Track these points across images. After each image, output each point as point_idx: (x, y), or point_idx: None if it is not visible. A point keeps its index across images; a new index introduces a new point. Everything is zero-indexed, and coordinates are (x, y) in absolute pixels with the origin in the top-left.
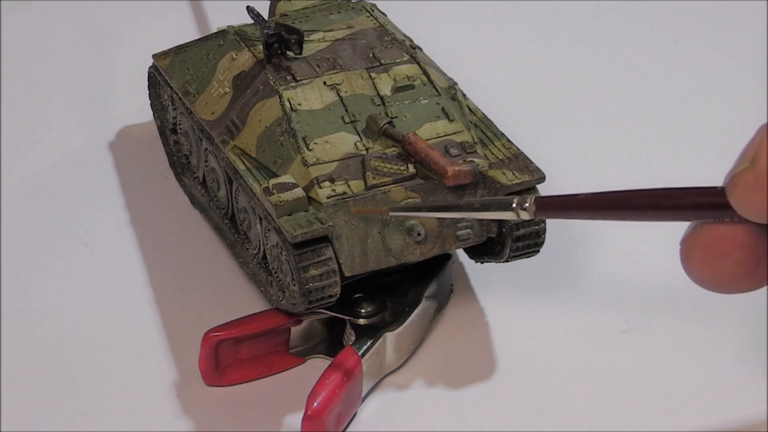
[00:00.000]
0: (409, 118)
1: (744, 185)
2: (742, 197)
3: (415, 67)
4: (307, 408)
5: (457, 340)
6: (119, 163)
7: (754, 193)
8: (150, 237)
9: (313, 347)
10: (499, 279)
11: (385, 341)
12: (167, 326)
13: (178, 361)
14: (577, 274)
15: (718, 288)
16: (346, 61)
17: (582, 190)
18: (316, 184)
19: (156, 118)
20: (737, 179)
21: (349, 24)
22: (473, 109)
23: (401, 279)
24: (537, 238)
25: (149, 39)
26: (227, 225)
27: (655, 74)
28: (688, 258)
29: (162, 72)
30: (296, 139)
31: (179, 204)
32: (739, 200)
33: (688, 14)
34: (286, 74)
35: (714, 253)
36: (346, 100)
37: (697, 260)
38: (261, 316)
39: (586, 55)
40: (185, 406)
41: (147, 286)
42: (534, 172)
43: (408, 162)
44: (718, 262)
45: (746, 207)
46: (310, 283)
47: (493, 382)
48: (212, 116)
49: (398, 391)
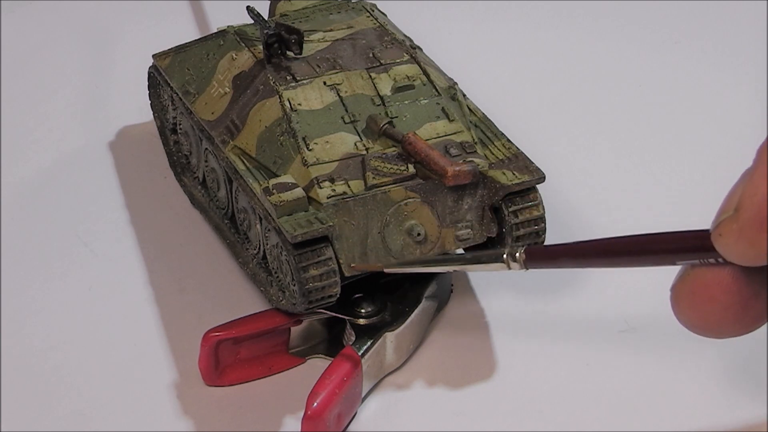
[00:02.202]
0: (409, 118)
1: (728, 235)
2: (727, 246)
3: (415, 67)
4: (307, 408)
5: (457, 340)
6: (119, 163)
7: (739, 243)
8: (150, 237)
9: (313, 347)
10: (499, 279)
11: (385, 341)
12: (167, 326)
13: (178, 361)
14: (578, 274)
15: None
16: (346, 61)
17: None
18: (316, 184)
19: (156, 118)
20: (722, 228)
21: (349, 24)
22: (473, 109)
23: (401, 279)
24: (537, 238)
25: (149, 39)
26: (227, 225)
27: (655, 74)
28: (678, 305)
29: (162, 72)
30: (296, 139)
31: (179, 204)
32: (724, 248)
33: (688, 14)
34: (286, 74)
35: (702, 299)
36: (346, 100)
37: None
38: (261, 316)
39: (586, 55)
40: (185, 406)
41: (147, 286)
42: (534, 172)
43: (408, 162)
44: (707, 307)
45: (732, 255)
46: (310, 283)
47: (493, 382)
48: (212, 116)
49: (398, 391)
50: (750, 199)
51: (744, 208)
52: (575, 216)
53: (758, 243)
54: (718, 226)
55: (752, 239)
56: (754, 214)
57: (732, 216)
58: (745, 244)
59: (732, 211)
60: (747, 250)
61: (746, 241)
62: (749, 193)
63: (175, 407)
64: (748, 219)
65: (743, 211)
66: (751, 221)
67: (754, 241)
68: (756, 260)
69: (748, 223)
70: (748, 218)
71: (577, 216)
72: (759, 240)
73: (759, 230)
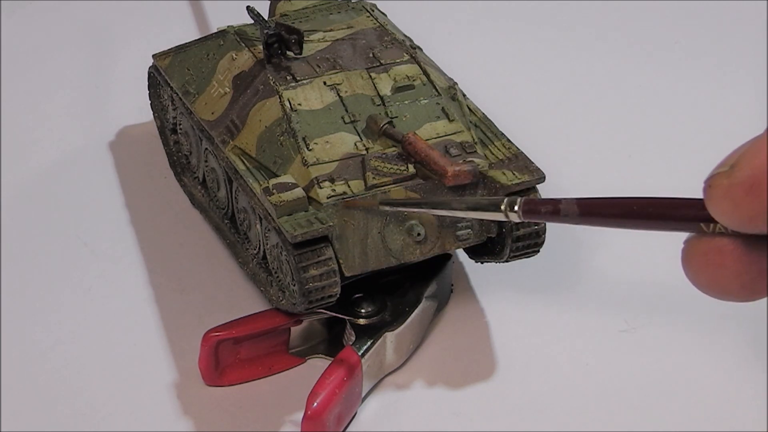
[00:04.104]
0: (409, 118)
1: (717, 188)
2: (713, 200)
3: (415, 67)
4: (307, 408)
5: (457, 340)
6: (119, 163)
7: (725, 199)
8: (150, 237)
9: (313, 347)
10: (499, 279)
11: (385, 341)
12: (167, 326)
13: (178, 361)
14: (577, 274)
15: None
16: (346, 61)
17: (582, 190)
18: (316, 184)
19: (156, 118)
20: (713, 180)
21: (349, 24)
22: (473, 109)
23: (401, 279)
24: (537, 238)
25: (149, 39)
26: (227, 225)
27: (655, 74)
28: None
29: (162, 72)
30: (296, 139)
31: (179, 204)
32: (711, 202)
33: (688, 14)
34: (286, 74)
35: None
36: (346, 100)
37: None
38: (261, 316)
39: (586, 55)
40: (185, 406)
41: (147, 286)
42: (534, 172)
43: (408, 162)
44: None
45: (716, 211)
46: (310, 283)
47: (493, 382)
48: (212, 116)
49: (398, 391)
50: (748, 160)
51: (739, 166)
52: None
53: (742, 205)
54: (711, 177)
55: (737, 200)
56: (746, 175)
57: (726, 171)
58: (729, 202)
59: (728, 167)
60: (731, 209)
61: (731, 200)
62: (749, 155)
63: (175, 407)
64: (739, 177)
65: (737, 170)
66: (742, 181)
67: (739, 203)
68: (739, 223)
69: (737, 182)
70: (740, 177)
71: None
72: (744, 202)
73: (746, 192)
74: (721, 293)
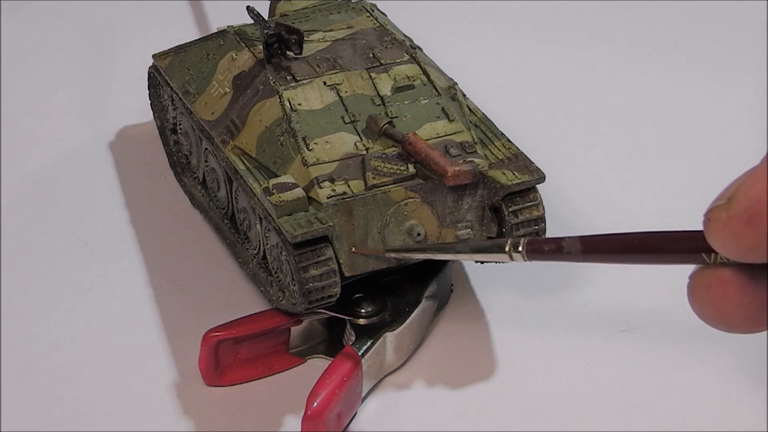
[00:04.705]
0: (409, 118)
1: (716, 221)
2: (713, 233)
3: (415, 67)
4: (307, 408)
5: (457, 340)
6: (119, 163)
7: (725, 231)
8: (150, 237)
9: (313, 347)
10: (499, 279)
11: (385, 341)
12: (167, 326)
13: (178, 361)
14: (578, 274)
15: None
16: (346, 61)
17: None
18: (316, 184)
19: (156, 118)
20: (712, 214)
21: (349, 24)
22: (473, 109)
23: (401, 279)
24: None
25: (149, 39)
26: (227, 225)
27: (655, 74)
28: (693, 295)
29: (162, 72)
30: (296, 139)
31: (179, 204)
32: (710, 235)
33: (688, 14)
34: (286, 74)
35: (716, 295)
36: (346, 100)
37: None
38: (261, 316)
39: (586, 54)
40: (185, 406)
41: (147, 286)
42: (534, 172)
43: (408, 162)
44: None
45: (716, 243)
46: (310, 283)
47: (493, 382)
48: (212, 116)
49: (398, 391)
50: (744, 192)
51: (737, 199)
52: (575, 216)
53: (742, 236)
54: (710, 211)
55: (736, 231)
56: (744, 207)
57: (724, 204)
58: (729, 234)
59: (725, 200)
60: (730, 241)
61: (730, 232)
62: (745, 187)
63: (175, 407)
64: (737, 210)
65: (735, 202)
66: (740, 213)
67: (738, 234)
68: (739, 254)
69: (736, 214)
70: (738, 209)
71: (577, 216)
72: (743, 233)
73: (745, 224)
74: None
